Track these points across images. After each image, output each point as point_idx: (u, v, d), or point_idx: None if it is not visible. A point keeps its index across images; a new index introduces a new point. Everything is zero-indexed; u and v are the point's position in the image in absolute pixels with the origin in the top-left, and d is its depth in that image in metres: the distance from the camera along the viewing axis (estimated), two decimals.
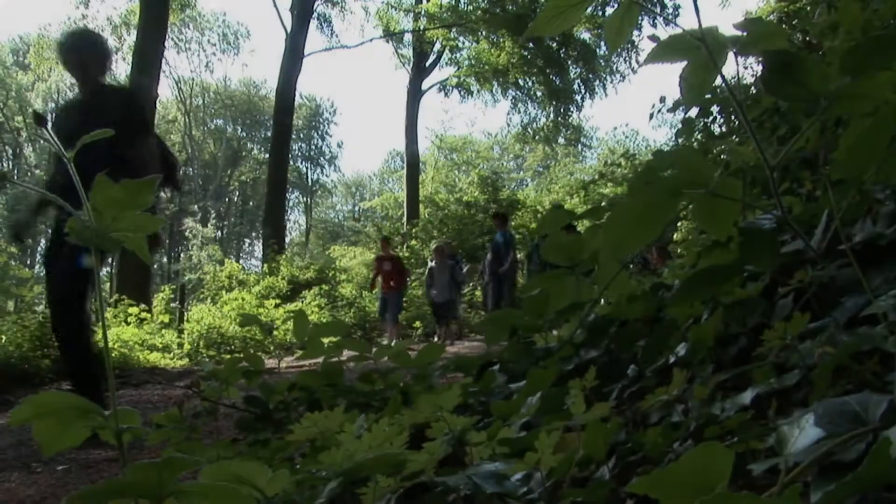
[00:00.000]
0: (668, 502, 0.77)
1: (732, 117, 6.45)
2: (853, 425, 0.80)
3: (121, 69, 39.00)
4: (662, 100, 7.08)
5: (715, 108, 6.29)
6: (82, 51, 5.08)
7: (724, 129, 6.62)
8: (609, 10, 22.04)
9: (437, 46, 31.43)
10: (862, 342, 1.20)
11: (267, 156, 33.83)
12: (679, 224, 9.28)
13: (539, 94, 31.46)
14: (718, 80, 1.57)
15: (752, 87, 5.77)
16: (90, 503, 0.91)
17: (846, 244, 1.44)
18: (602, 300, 2.26)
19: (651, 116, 7.33)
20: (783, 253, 1.74)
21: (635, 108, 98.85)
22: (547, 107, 31.60)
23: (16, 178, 1.34)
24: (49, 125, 1.07)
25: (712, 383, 1.43)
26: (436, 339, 16.55)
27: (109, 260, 12.42)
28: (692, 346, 1.65)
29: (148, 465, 0.89)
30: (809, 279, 1.56)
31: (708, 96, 4.87)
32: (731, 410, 1.27)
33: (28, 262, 46.77)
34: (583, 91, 31.08)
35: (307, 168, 62.46)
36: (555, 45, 28.71)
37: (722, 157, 5.33)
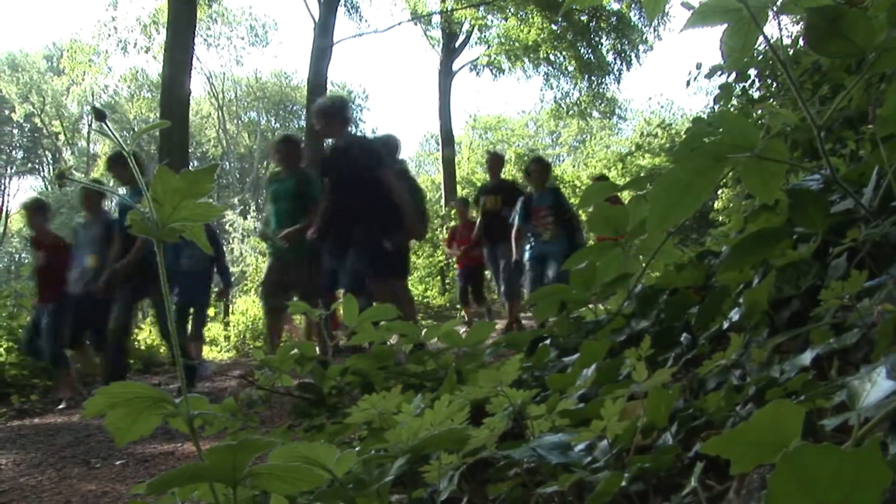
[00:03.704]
0: (740, 461, 0.77)
1: (770, 81, 6.36)
2: None
3: (153, 69, 39.39)
4: (699, 66, 6.98)
5: (752, 72, 6.20)
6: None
7: (761, 93, 6.52)
8: None
9: (466, 26, 31.24)
10: None
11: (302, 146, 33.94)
12: (720, 192, 9.18)
13: (571, 68, 31.13)
14: (757, 43, 1.55)
15: (790, 49, 5.68)
16: (169, 488, 0.94)
17: None
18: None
19: (688, 84, 7.23)
20: (833, 213, 1.72)
21: (669, 78, 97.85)
22: (579, 81, 31.27)
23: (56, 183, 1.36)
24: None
25: (769, 346, 1.43)
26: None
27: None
28: (746, 310, 1.64)
29: (224, 448, 0.91)
30: (863, 237, 1.54)
31: (746, 60, 4.81)
32: (791, 372, 1.26)
33: None
34: (619, 62, 30.69)
35: None
36: (585, 18, 28.40)
37: (761, 121, 5.27)
